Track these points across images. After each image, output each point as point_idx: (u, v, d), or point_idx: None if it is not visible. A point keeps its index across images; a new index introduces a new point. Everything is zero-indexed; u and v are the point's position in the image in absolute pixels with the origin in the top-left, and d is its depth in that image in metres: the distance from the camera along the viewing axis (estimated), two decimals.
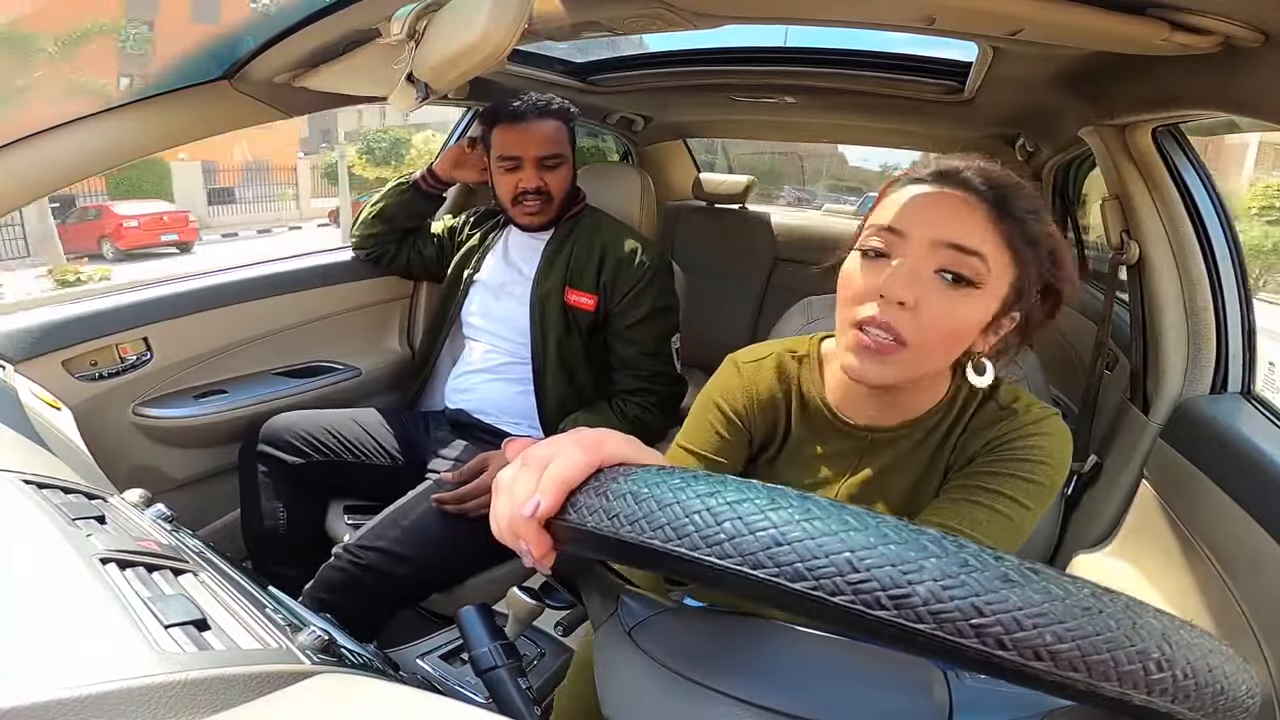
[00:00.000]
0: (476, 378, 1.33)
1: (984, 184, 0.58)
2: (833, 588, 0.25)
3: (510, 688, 0.49)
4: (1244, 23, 0.64)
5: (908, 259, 0.57)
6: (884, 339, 0.57)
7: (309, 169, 16.63)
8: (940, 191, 0.58)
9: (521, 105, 1.26)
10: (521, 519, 0.35)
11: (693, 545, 0.27)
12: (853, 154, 20.56)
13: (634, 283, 1.25)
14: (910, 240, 0.57)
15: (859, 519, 0.26)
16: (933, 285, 0.57)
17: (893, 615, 0.24)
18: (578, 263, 1.29)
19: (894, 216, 0.59)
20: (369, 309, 1.58)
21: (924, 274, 0.57)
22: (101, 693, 0.28)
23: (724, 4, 0.93)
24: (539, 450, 0.36)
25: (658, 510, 0.29)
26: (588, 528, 0.32)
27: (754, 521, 0.27)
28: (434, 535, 1.09)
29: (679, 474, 0.31)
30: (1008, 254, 0.57)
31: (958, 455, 0.66)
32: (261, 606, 0.45)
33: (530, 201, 1.28)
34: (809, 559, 0.25)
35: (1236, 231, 1.04)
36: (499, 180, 1.30)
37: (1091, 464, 1.13)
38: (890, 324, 0.57)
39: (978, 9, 0.79)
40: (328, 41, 0.88)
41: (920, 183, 0.60)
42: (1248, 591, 0.78)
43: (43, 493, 0.48)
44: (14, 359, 1.05)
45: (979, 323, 0.58)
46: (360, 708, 0.35)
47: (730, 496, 0.28)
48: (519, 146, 1.26)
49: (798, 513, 0.27)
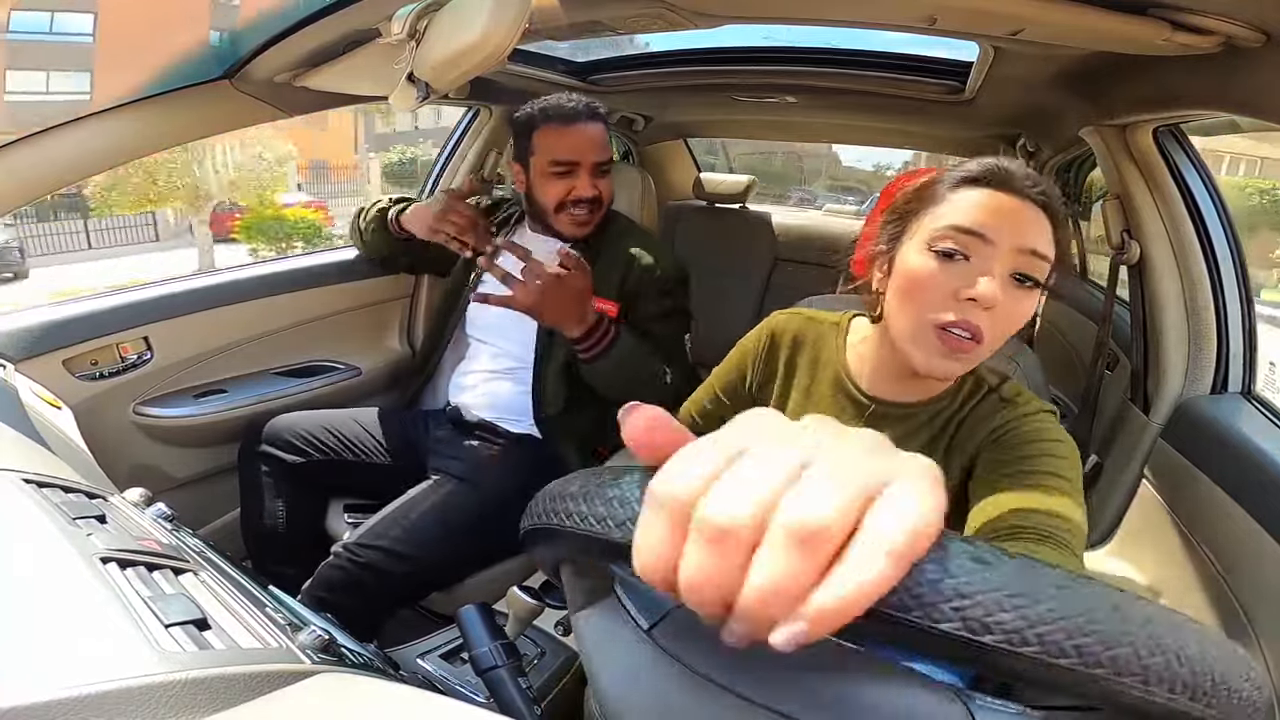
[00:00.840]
0: (479, 376, 1.32)
1: (1039, 192, 0.61)
2: None
3: (510, 687, 0.49)
4: (1245, 23, 0.64)
5: (993, 263, 0.59)
6: (964, 338, 0.59)
7: (377, 166, 17.31)
8: (1020, 200, 0.60)
9: (573, 105, 1.17)
10: (759, 619, 0.20)
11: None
12: (847, 154, 20.47)
13: (654, 291, 1.21)
14: (997, 246, 0.59)
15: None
16: (1011, 288, 0.60)
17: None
18: (600, 273, 1.19)
19: (975, 221, 0.60)
20: (369, 308, 1.58)
21: (1004, 276, 0.60)
22: (101, 692, 0.28)
23: (724, 4, 0.93)
24: (811, 506, 0.20)
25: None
26: (951, 633, 0.21)
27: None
28: (434, 534, 1.09)
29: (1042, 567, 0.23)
30: (1053, 249, 0.61)
31: (958, 441, 0.68)
32: (262, 606, 0.45)
33: (581, 210, 1.20)
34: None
35: (1237, 232, 1.04)
36: (544, 186, 1.19)
37: (1092, 464, 1.13)
38: (974, 325, 0.59)
39: (979, 9, 0.79)
40: (328, 41, 0.88)
41: (975, 184, 0.62)
42: (1247, 591, 0.78)
43: (43, 492, 0.48)
44: (14, 358, 1.05)
45: (1030, 314, 0.62)
46: (360, 707, 0.35)
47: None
48: (575, 151, 1.17)
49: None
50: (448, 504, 1.13)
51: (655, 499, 0.22)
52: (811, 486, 0.21)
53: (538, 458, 1.24)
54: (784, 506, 0.20)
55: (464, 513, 1.13)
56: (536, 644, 0.84)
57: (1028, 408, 0.66)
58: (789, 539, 0.20)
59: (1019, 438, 0.63)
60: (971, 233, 0.60)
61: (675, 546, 0.22)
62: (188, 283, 1.34)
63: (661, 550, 0.22)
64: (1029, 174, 0.62)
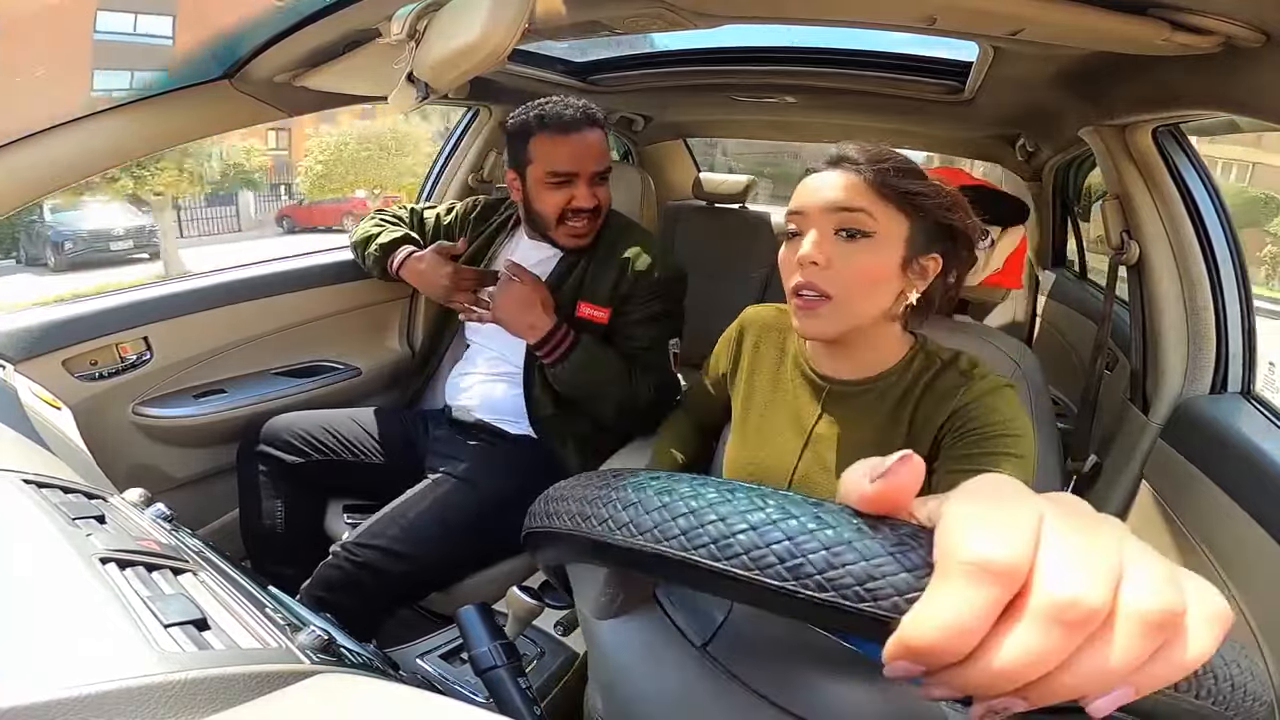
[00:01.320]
0: (476, 378, 1.32)
1: (860, 156, 0.71)
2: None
3: (510, 687, 0.49)
4: (1245, 23, 0.64)
5: (812, 227, 0.71)
6: (812, 297, 0.71)
7: None
8: (824, 171, 0.72)
9: (569, 112, 1.13)
10: (1065, 693, 0.20)
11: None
12: None
13: (646, 293, 1.20)
14: (809, 215, 0.71)
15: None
16: (836, 244, 0.70)
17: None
18: (595, 276, 1.21)
19: (794, 202, 0.73)
20: (369, 309, 1.58)
21: (827, 236, 0.70)
22: (101, 692, 0.28)
23: (724, 4, 0.93)
24: (1160, 599, 0.20)
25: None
26: None
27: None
28: (432, 534, 1.09)
29: None
30: (891, 207, 0.69)
31: (921, 417, 0.73)
32: (261, 606, 0.45)
33: (580, 221, 1.17)
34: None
35: (1236, 232, 1.04)
36: (543, 196, 1.17)
37: (1091, 464, 1.13)
38: (813, 283, 0.70)
39: (979, 9, 0.79)
40: (328, 41, 0.88)
41: (812, 172, 0.74)
42: (1248, 591, 0.78)
43: (42, 492, 0.48)
44: (14, 359, 1.05)
45: (888, 265, 0.70)
46: (360, 707, 0.34)
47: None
48: (574, 161, 1.14)
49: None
50: (446, 504, 1.13)
51: (979, 568, 0.20)
52: (1141, 570, 0.20)
53: (536, 458, 1.24)
54: (1131, 590, 0.20)
55: (463, 512, 1.13)
56: (536, 644, 0.84)
57: (984, 384, 0.71)
58: (1143, 626, 0.19)
59: (975, 427, 0.68)
60: (794, 212, 0.73)
61: (987, 623, 0.20)
62: (187, 283, 1.34)
63: (969, 625, 0.20)
64: (854, 147, 0.72)
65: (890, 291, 0.72)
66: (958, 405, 0.70)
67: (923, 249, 0.72)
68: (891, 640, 0.21)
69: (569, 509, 0.32)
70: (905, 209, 0.70)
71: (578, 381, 1.15)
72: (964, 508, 0.21)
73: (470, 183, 1.71)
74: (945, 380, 0.73)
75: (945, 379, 0.73)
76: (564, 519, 0.32)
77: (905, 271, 0.71)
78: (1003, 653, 0.19)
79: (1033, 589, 0.19)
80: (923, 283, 0.73)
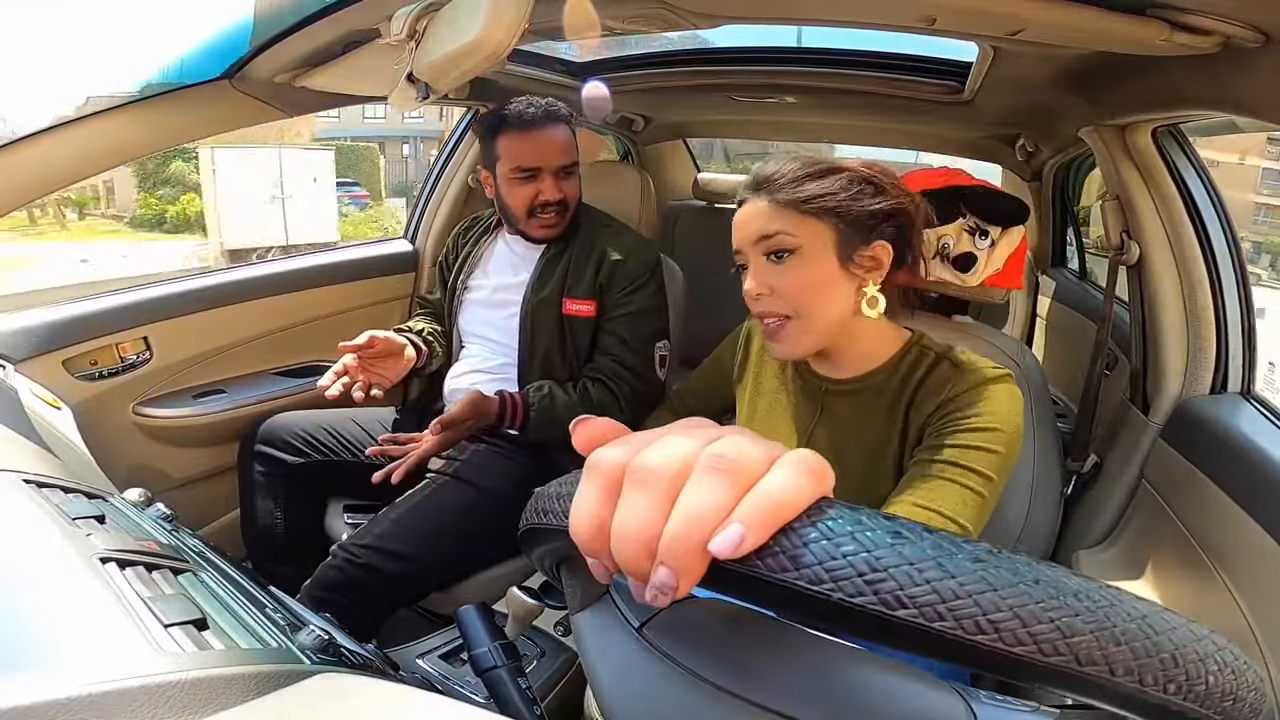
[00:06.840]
0: (472, 377, 1.32)
1: (763, 179, 0.74)
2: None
3: (510, 687, 0.49)
4: (1244, 23, 0.64)
5: (749, 262, 0.76)
6: (774, 323, 0.75)
7: None
8: (746, 206, 0.76)
9: (532, 110, 1.19)
10: (688, 544, 0.22)
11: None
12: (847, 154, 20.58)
13: (626, 284, 1.23)
14: (744, 250, 0.76)
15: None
16: (770, 269, 0.74)
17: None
18: (575, 271, 1.24)
19: (733, 241, 0.77)
20: (369, 309, 1.58)
21: (760, 265, 0.74)
22: (101, 692, 0.28)
23: (724, 4, 0.93)
24: (726, 449, 0.24)
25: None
26: (793, 584, 0.22)
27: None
28: (432, 534, 1.09)
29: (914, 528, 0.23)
30: (807, 217, 0.72)
31: (915, 413, 0.74)
32: (261, 606, 0.45)
33: (549, 214, 1.22)
34: None
35: (1236, 232, 1.04)
36: (511, 192, 1.21)
37: (1091, 464, 1.13)
38: (768, 311, 0.75)
39: (978, 9, 0.79)
40: (328, 41, 0.88)
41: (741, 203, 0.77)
42: (1248, 591, 0.78)
43: (42, 492, 0.48)
44: (14, 359, 1.05)
45: (825, 271, 0.72)
46: (360, 707, 0.34)
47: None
48: (538, 157, 1.18)
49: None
50: (446, 504, 1.13)
51: (590, 467, 0.25)
52: (727, 441, 0.24)
53: (535, 458, 1.24)
54: (706, 451, 0.24)
55: (462, 513, 1.13)
56: (536, 644, 0.85)
57: (973, 377, 0.72)
58: (710, 469, 0.23)
59: (952, 419, 0.70)
60: (735, 251, 0.77)
61: (608, 506, 0.24)
62: (187, 283, 1.34)
63: (595, 509, 0.24)
64: (755, 174, 0.75)
65: (843, 293, 0.73)
66: (945, 398, 0.72)
67: (861, 242, 0.73)
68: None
69: (554, 506, 0.32)
70: (818, 214, 0.72)
71: (549, 433, 1.18)
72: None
73: (470, 183, 1.71)
74: (938, 375, 0.74)
75: (938, 373, 0.74)
76: (547, 515, 0.32)
77: (848, 269, 0.73)
78: (616, 520, 0.23)
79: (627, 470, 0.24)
80: (879, 273, 0.74)
